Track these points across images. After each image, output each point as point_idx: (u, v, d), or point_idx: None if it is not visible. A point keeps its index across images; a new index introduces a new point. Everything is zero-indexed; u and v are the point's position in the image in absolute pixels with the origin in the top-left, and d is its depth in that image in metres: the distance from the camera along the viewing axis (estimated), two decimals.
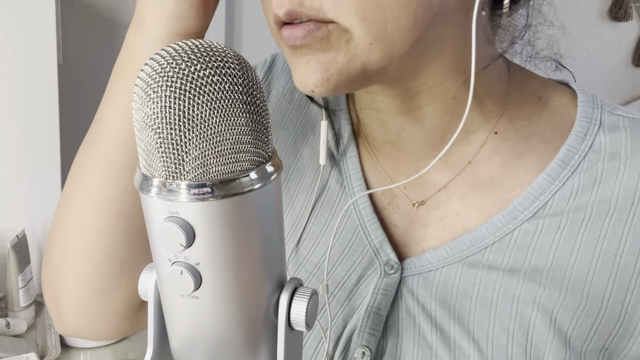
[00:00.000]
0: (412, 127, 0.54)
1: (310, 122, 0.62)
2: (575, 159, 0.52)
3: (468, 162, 0.54)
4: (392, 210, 0.57)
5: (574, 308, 0.49)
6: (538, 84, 0.56)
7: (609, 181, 0.51)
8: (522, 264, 0.51)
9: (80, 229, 0.54)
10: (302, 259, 0.58)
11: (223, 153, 0.32)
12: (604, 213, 0.50)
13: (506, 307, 0.50)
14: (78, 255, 0.54)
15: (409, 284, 0.54)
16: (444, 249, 0.53)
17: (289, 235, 0.60)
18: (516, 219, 0.52)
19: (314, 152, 0.61)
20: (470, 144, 0.54)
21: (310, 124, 0.62)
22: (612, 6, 2.31)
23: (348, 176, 0.59)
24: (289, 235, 0.60)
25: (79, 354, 1.22)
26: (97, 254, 0.54)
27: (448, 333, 0.51)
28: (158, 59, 0.32)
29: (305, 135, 0.62)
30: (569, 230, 0.50)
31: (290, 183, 0.61)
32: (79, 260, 0.55)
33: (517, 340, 0.49)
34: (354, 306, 0.55)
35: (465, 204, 0.54)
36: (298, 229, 0.60)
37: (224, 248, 0.33)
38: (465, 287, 0.52)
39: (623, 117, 0.53)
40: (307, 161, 0.61)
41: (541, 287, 0.50)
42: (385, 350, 0.53)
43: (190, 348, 0.38)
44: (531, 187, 0.52)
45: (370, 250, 0.56)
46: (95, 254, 0.54)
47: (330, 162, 0.60)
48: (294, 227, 0.60)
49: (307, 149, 0.62)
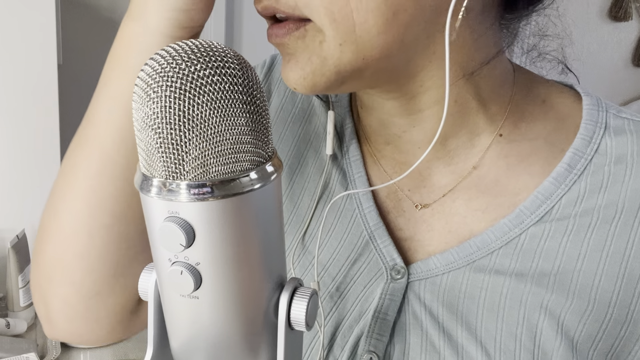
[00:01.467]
0: (414, 130, 0.54)
1: (314, 124, 0.62)
2: (582, 163, 0.51)
3: (473, 166, 0.54)
4: (398, 214, 0.57)
5: (580, 312, 0.49)
6: (543, 86, 0.56)
7: (616, 185, 0.50)
8: (529, 269, 0.50)
9: (74, 231, 0.52)
10: (308, 263, 0.58)
11: (223, 153, 0.32)
12: (610, 217, 0.50)
13: (513, 311, 0.50)
14: (70, 257, 0.53)
15: (415, 288, 0.53)
16: (451, 253, 0.53)
17: (293, 238, 0.59)
18: (523, 222, 0.51)
19: (318, 154, 0.61)
20: (475, 146, 0.54)
21: (314, 126, 0.62)
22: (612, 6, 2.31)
23: (352, 180, 0.58)
24: (293, 237, 0.59)
25: (79, 354, 1.22)
26: (90, 256, 0.52)
27: (455, 338, 0.51)
28: (158, 59, 0.32)
29: (309, 137, 0.62)
30: (575, 235, 0.50)
31: (294, 186, 0.61)
32: (71, 263, 0.53)
33: (525, 345, 0.49)
34: (361, 311, 0.55)
35: (471, 207, 0.54)
36: (301, 231, 0.59)
37: (224, 248, 0.33)
38: (472, 292, 0.51)
39: (629, 120, 0.53)
40: (311, 164, 0.61)
41: (548, 291, 0.49)
42: (392, 356, 0.53)
43: (190, 348, 0.38)
44: (538, 190, 0.52)
45: (377, 255, 0.55)
46: (88, 257, 0.52)
47: (333, 164, 0.60)
48: (298, 230, 0.59)
49: (311, 151, 0.61)
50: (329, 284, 0.56)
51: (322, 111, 0.62)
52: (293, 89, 0.48)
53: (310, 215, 0.59)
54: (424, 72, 0.49)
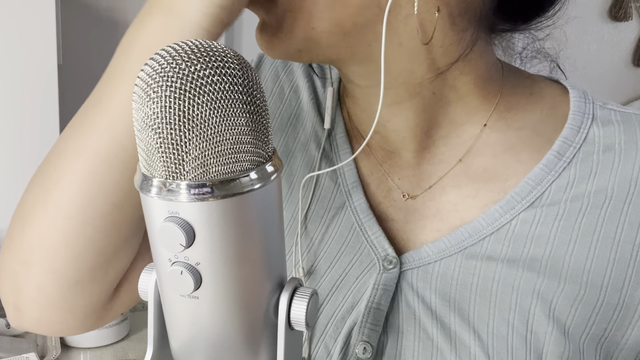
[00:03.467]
0: (396, 119, 0.55)
1: (302, 121, 0.63)
2: (570, 151, 0.53)
3: (459, 158, 0.55)
4: (389, 204, 0.58)
5: (572, 297, 0.50)
6: (530, 80, 0.57)
7: (605, 172, 0.51)
8: (521, 254, 0.51)
9: (66, 216, 0.49)
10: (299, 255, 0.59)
11: (223, 153, 0.32)
12: (600, 202, 0.51)
13: (506, 297, 0.51)
14: (56, 244, 0.50)
15: (408, 277, 0.54)
16: (442, 241, 0.54)
17: (287, 231, 0.60)
18: (514, 208, 0.52)
19: (307, 150, 0.61)
20: (460, 136, 0.55)
21: (302, 122, 0.63)
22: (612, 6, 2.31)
23: (342, 173, 0.59)
24: (286, 231, 0.60)
25: (79, 354, 1.22)
26: (77, 244, 0.50)
27: (448, 325, 0.52)
28: (158, 59, 0.32)
29: (297, 134, 0.63)
30: (566, 220, 0.51)
31: (283, 182, 0.61)
32: (55, 250, 0.50)
33: (518, 330, 0.50)
34: (353, 302, 0.55)
35: (461, 195, 0.55)
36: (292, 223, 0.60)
37: (224, 248, 0.33)
38: (465, 279, 0.52)
39: (615, 111, 0.55)
40: (300, 160, 0.61)
41: (540, 276, 0.50)
42: (386, 345, 0.54)
43: (190, 348, 0.38)
44: (528, 177, 0.53)
45: (368, 246, 0.56)
46: (75, 245, 0.50)
47: (323, 157, 0.61)
48: (289, 225, 0.60)
49: (299, 147, 0.62)
50: (321, 275, 0.57)
51: (310, 108, 0.63)
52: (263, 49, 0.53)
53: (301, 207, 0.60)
54: (395, 63, 0.50)
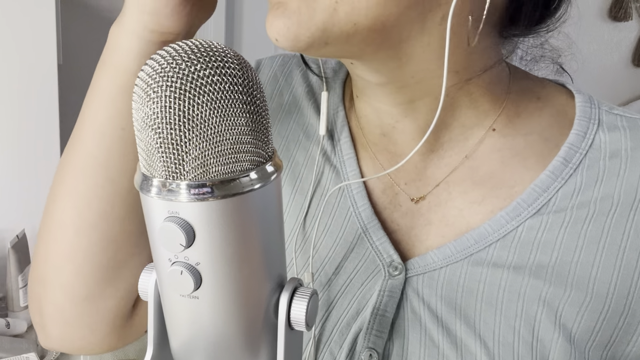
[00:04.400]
0: (406, 120, 0.54)
1: (302, 126, 0.62)
2: (577, 157, 0.52)
3: (465, 156, 0.55)
4: (394, 209, 0.57)
5: (578, 304, 0.49)
6: (537, 84, 0.57)
7: (611, 179, 0.51)
8: (527, 261, 0.51)
9: (61, 228, 0.53)
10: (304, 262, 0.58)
11: (223, 153, 0.32)
12: (606, 210, 0.51)
13: (512, 304, 0.50)
14: (59, 257, 0.53)
15: (413, 284, 0.54)
16: (448, 247, 0.53)
17: (290, 238, 0.59)
18: (520, 215, 0.52)
19: (309, 155, 0.61)
20: (468, 139, 0.55)
21: (302, 127, 0.62)
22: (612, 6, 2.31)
23: (345, 174, 0.58)
24: (289, 237, 0.59)
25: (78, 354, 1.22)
26: (77, 257, 0.53)
27: (454, 332, 0.51)
28: (158, 59, 0.32)
29: (298, 139, 0.62)
30: (572, 227, 0.51)
31: (284, 187, 0.61)
32: (60, 264, 0.53)
33: (524, 338, 0.50)
34: (359, 308, 0.55)
35: (467, 200, 0.54)
36: (295, 230, 0.59)
37: (224, 248, 0.33)
38: (471, 285, 0.52)
39: (621, 116, 0.54)
40: (301, 165, 0.61)
41: (546, 283, 0.50)
42: (391, 352, 0.53)
43: (191, 348, 0.38)
44: (534, 183, 0.52)
45: (373, 252, 0.55)
46: (75, 257, 0.53)
47: (325, 162, 0.60)
48: (292, 231, 0.59)
49: (300, 152, 0.61)
50: (326, 282, 0.56)
51: (310, 111, 0.62)
52: (274, 41, 0.46)
53: (304, 213, 0.59)
54: (415, 62, 0.49)
